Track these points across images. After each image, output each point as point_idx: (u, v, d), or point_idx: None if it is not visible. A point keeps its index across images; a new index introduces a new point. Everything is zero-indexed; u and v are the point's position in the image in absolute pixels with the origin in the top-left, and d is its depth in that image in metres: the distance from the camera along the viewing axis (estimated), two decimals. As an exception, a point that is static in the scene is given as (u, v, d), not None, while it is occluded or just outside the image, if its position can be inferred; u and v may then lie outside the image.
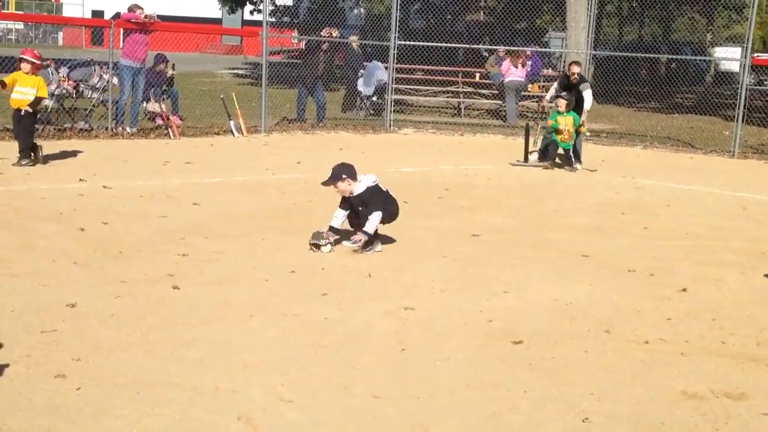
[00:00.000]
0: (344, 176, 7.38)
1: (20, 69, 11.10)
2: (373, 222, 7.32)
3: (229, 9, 39.15)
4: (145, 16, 14.88)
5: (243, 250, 7.34)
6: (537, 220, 9.44)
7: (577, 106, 13.71)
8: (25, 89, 11.02)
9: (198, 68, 28.72)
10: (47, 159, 11.15)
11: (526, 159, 13.68)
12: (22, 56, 11.16)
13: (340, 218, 7.50)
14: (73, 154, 12.13)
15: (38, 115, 13.59)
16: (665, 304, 6.32)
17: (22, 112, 11.01)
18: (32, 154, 11.03)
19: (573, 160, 13.42)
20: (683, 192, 11.92)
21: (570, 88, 13.88)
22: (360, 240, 7.32)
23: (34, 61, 11.26)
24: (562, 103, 13.51)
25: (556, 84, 14.56)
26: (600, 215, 9.89)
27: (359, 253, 7.32)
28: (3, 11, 24.38)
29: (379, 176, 7.63)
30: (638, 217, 9.81)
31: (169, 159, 12.23)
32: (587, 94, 13.77)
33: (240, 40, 53.66)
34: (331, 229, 7.44)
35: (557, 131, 13.32)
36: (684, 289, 6.70)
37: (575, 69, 13.88)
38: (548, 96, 14.77)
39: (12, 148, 11.32)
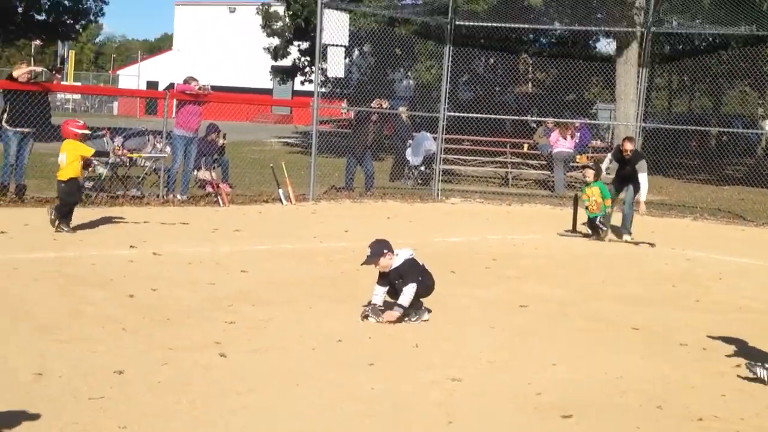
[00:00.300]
0: (385, 251, 7.37)
1: (75, 139, 11.26)
2: (408, 294, 7.29)
3: (280, 80, 39.89)
4: (199, 88, 15.18)
5: (290, 318, 7.34)
6: (586, 290, 9.33)
7: (630, 180, 13.66)
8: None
9: (248, 137, 29.12)
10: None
11: (574, 229, 13.59)
12: (78, 130, 11.33)
13: (380, 295, 7.48)
14: (125, 220, 12.28)
15: (93, 183, 13.95)
16: (719, 380, 6.17)
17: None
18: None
19: (602, 229, 13.21)
20: (735, 265, 11.73)
21: (623, 162, 13.80)
22: (396, 314, 7.27)
23: (87, 132, 11.57)
24: (589, 174, 13.39)
25: (610, 155, 14.49)
26: (650, 287, 9.75)
27: (399, 322, 7.27)
28: (63, 83, 25.11)
29: (425, 246, 7.65)
30: (689, 290, 9.65)
31: (218, 226, 12.35)
32: (643, 178, 13.49)
33: (290, 110, 54.53)
34: (373, 305, 7.42)
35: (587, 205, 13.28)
36: (738, 365, 6.54)
37: (628, 146, 13.65)
38: (603, 167, 14.64)
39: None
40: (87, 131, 11.52)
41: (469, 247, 11.97)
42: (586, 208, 13.27)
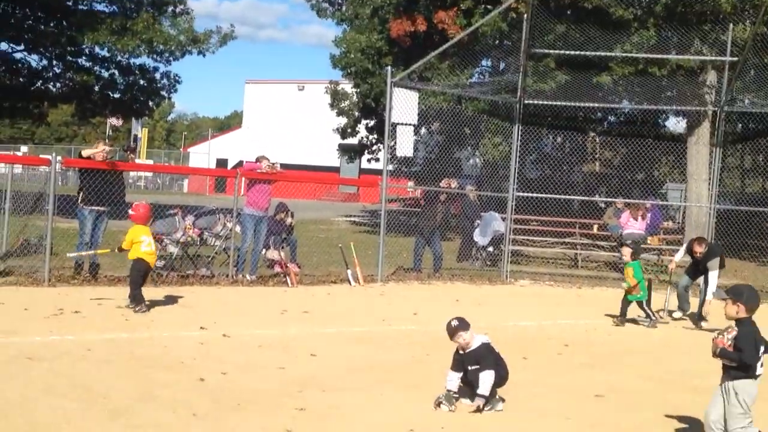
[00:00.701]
0: (469, 326, 7.34)
1: (142, 223, 11.49)
2: (487, 383, 7.16)
3: (347, 159, 40.28)
4: (267, 166, 15.33)
5: (361, 405, 7.22)
6: (664, 380, 9.05)
7: (705, 273, 13.34)
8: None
9: (315, 215, 29.32)
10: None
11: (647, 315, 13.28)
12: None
13: (455, 380, 7.36)
14: (195, 300, 12.35)
15: (164, 262, 14.10)
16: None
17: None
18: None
19: (647, 314, 12.76)
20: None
21: (696, 260, 13.54)
22: (479, 403, 7.12)
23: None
24: (626, 252, 12.96)
25: (684, 248, 14.22)
26: (731, 378, 9.39)
27: (479, 413, 7.11)
28: (137, 161, 25.84)
29: (496, 330, 7.62)
30: (773, 380, 9.28)
31: (287, 307, 12.33)
32: (713, 277, 13.13)
33: (357, 188, 54.93)
34: (447, 392, 7.28)
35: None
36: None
37: (698, 249, 13.39)
38: (676, 258, 14.30)
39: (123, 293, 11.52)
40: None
41: (541, 332, 11.76)
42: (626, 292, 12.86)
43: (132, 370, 7.97)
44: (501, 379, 7.34)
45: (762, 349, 6.22)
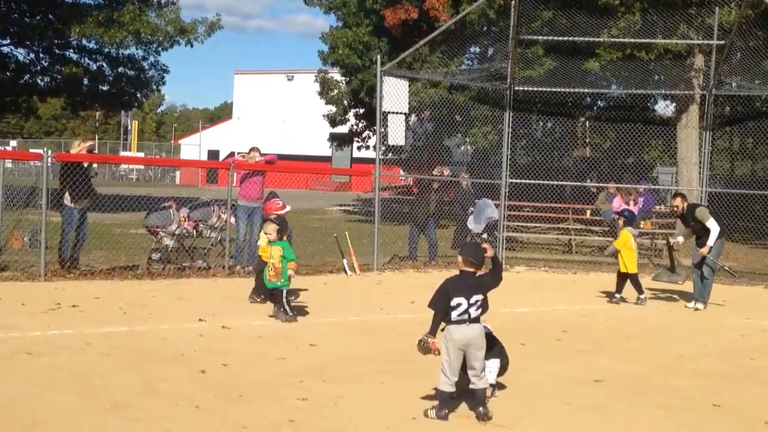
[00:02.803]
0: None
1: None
2: (494, 372, 7.19)
3: (336, 146, 40.22)
4: (242, 156, 15.52)
5: (362, 395, 7.25)
6: (661, 365, 9.10)
7: (706, 237, 13.03)
8: None
9: (309, 205, 29.31)
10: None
11: (672, 270, 13.49)
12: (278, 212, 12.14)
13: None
14: (192, 292, 12.36)
15: (160, 255, 14.06)
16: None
17: None
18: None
19: (284, 309, 10.52)
20: (814, 335, 11.37)
21: (685, 221, 13.46)
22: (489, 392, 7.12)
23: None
24: (271, 229, 10.72)
25: (677, 230, 14.23)
26: (727, 360, 9.47)
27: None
28: (128, 155, 25.70)
29: (493, 317, 7.57)
30: (769, 363, 9.36)
31: (284, 298, 12.33)
32: (712, 224, 12.86)
33: (349, 177, 54.94)
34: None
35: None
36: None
37: (675, 202, 13.47)
38: (678, 240, 13.81)
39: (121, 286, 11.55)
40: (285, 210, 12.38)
41: (538, 318, 11.82)
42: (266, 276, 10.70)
43: (132, 364, 7.98)
44: (502, 368, 7.38)
45: (460, 299, 6.91)
